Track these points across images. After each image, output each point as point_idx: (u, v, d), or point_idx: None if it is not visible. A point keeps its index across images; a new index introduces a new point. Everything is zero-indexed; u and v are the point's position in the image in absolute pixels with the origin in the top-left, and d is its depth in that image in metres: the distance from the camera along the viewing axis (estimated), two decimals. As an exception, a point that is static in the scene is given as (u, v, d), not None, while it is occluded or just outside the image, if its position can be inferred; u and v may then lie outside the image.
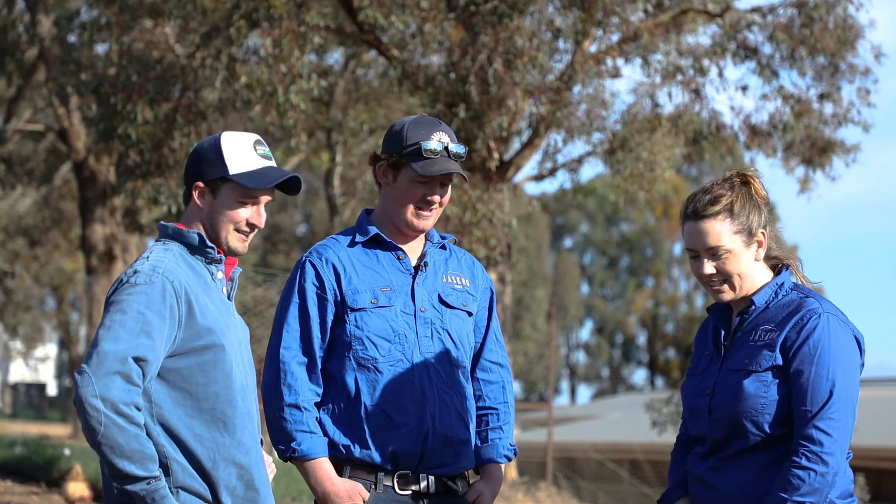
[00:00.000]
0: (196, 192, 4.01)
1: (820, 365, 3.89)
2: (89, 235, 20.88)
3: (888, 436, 28.00)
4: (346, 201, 29.84)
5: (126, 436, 3.68)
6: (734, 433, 4.00)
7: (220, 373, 3.90)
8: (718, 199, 4.06)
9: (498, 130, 16.31)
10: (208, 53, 16.67)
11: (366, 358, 4.44)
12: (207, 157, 3.99)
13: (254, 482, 3.96)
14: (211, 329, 3.89)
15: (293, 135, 16.02)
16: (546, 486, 20.01)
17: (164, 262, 3.90)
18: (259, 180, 3.97)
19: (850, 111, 18.84)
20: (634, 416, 31.98)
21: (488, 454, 4.64)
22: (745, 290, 4.09)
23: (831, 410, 3.86)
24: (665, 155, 18.03)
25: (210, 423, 3.88)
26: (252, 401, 4.03)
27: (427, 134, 4.46)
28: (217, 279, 4.04)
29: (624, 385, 72.88)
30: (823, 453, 3.83)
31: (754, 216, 4.07)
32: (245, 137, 4.05)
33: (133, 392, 3.71)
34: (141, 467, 3.70)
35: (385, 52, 17.74)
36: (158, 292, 3.81)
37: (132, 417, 3.70)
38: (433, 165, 4.43)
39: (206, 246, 4.00)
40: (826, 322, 3.94)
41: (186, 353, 3.86)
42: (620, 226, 71.50)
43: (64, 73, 17.84)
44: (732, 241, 4.05)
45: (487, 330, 4.72)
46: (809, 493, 3.82)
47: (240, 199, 3.99)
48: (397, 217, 4.52)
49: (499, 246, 17.05)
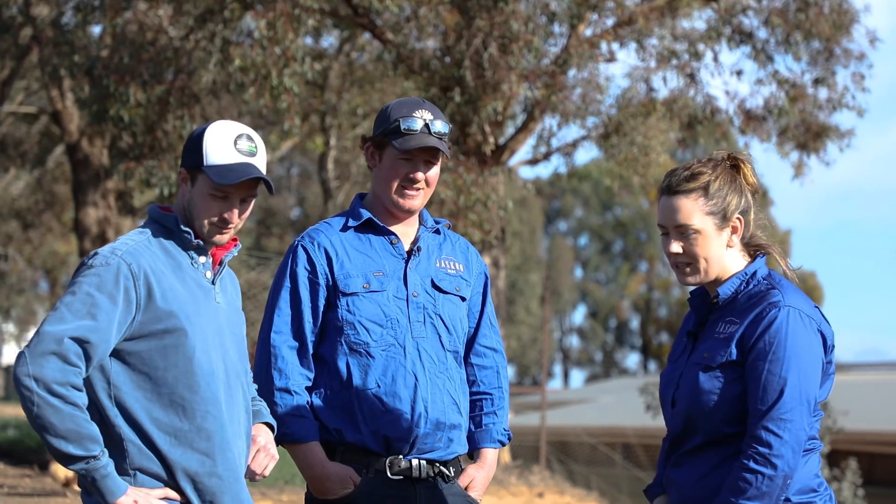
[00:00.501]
0: (180, 177, 3.99)
1: (773, 362, 3.70)
2: (82, 218, 20.78)
3: (880, 420, 28.12)
4: (340, 185, 29.79)
5: (60, 416, 3.66)
6: (690, 428, 3.86)
7: (180, 357, 3.85)
8: (696, 177, 3.87)
9: (493, 114, 16.30)
10: (202, 36, 16.62)
11: (358, 343, 4.43)
12: (191, 144, 3.96)
13: (216, 469, 3.90)
14: (172, 313, 3.84)
15: (287, 118, 16.00)
16: (539, 470, 20.06)
17: (126, 244, 3.88)
18: (226, 176, 3.89)
19: (845, 96, 18.83)
20: (627, 399, 32.05)
21: (482, 439, 4.64)
22: (712, 276, 3.89)
23: (782, 410, 3.67)
24: (659, 139, 18.01)
25: (168, 408, 3.84)
26: (231, 387, 3.97)
27: (409, 112, 4.45)
28: (198, 263, 3.99)
29: (617, 369, 73.06)
30: (772, 455, 3.66)
31: (732, 199, 3.87)
32: (230, 129, 3.99)
33: (69, 372, 3.68)
34: (78, 447, 3.68)
35: (380, 35, 17.70)
36: (112, 274, 3.79)
37: (67, 397, 3.67)
38: (410, 141, 4.42)
39: (181, 230, 3.96)
40: (785, 316, 3.73)
41: (146, 337, 3.83)
42: (615, 210, 71.59)
43: (57, 55, 17.76)
44: (703, 222, 3.85)
45: (481, 315, 4.70)
46: (757, 497, 3.66)
47: (210, 192, 3.93)
48: (384, 197, 4.52)
49: (493, 230, 17.04)
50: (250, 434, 4.08)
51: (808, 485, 3.79)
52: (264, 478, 4.13)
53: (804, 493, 3.78)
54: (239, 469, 3.98)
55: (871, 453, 27.25)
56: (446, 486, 4.50)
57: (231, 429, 3.95)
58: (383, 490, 4.41)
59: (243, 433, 4.02)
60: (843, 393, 27.27)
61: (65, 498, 13.09)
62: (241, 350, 4.07)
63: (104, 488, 3.72)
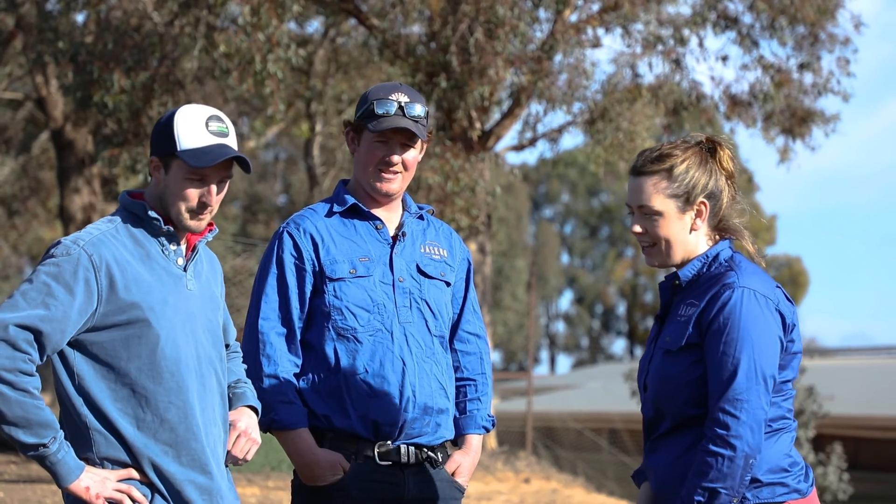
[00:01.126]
0: (151, 166, 3.94)
1: (727, 343, 3.70)
2: (67, 205, 20.76)
3: (866, 404, 28.22)
4: (326, 171, 29.77)
5: (7, 403, 3.64)
6: (659, 413, 3.88)
7: (143, 348, 3.82)
8: (662, 159, 3.87)
9: (479, 100, 16.29)
10: (187, 22, 16.55)
11: (345, 328, 4.43)
12: (161, 132, 3.91)
13: (180, 458, 3.87)
14: (135, 303, 3.81)
15: (271, 104, 15.95)
16: (525, 456, 20.06)
17: (90, 234, 3.84)
18: (202, 158, 3.85)
19: (830, 81, 18.86)
20: (613, 385, 32.10)
21: (467, 425, 4.66)
22: (676, 259, 3.89)
23: (737, 391, 3.66)
24: (645, 125, 18.02)
25: (131, 398, 3.83)
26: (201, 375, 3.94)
27: (385, 95, 4.47)
28: (168, 250, 3.95)
29: (603, 355, 73.14)
30: (730, 437, 3.64)
31: (699, 183, 3.87)
32: (200, 112, 3.94)
33: (18, 358, 3.65)
34: (29, 433, 3.67)
35: (365, 21, 17.67)
36: (72, 265, 3.75)
37: (15, 384, 3.65)
38: (383, 123, 4.43)
39: (150, 218, 3.91)
40: (739, 296, 3.72)
41: (108, 328, 3.80)
42: (601, 196, 71.60)
43: (41, 41, 17.69)
44: (664, 204, 3.86)
45: (465, 301, 4.71)
46: (718, 479, 3.64)
47: (186, 177, 3.88)
48: (363, 181, 4.54)
49: (480, 215, 17.04)
50: (227, 420, 4.05)
51: (779, 464, 3.78)
52: (246, 462, 4.10)
53: (774, 472, 3.77)
54: (208, 460, 3.94)
55: (857, 437, 27.37)
56: (434, 472, 4.52)
57: (203, 418, 3.92)
58: (372, 476, 4.42)
59: (219, 420, 4.00)
60: (828, 378, 27.37)
61: (51, 484, 13.07)
62: (215, 336, 4.04)
63: (57, 474, 3.72)
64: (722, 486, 3.65)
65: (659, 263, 3.92)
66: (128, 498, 3.80)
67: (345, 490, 4.40)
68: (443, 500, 4.54)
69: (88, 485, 3.75)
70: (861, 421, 27.22)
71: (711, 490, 3.65)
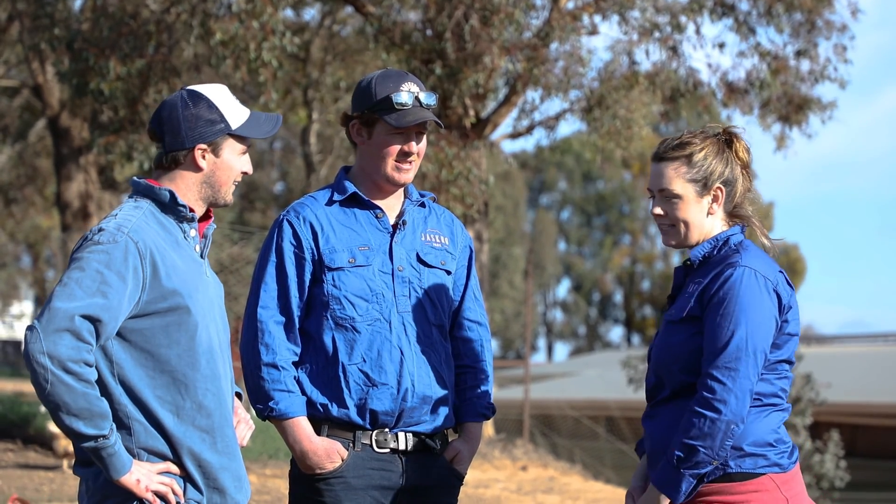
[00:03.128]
0: (198, 154, 3.92)
1: (723, 315, 3.94)
2: (64, 192, 20.76)
3: (862, 392, 28.24)
4: (323, 159, 29.73)
5: (73, 394, 3.63)
6: (660, 380, 4.11)
7: (183, 335, 3.84)
8: (683, 146, 4.14)
9: (474, 87, 16.25)
10: (183, 9, 16.51)
11: (343, 317, 4.42)
12: (205, 117, 3.92)
13: (216, 446, 3.91)
14: (176, 291, 3.82)
15: (265, 92, 15.91)
16: (523, 444, 20.08)
17: (130, 221, 3.83)
18: (260, 129, 4.01)
19: (827, 68, 18.85)
20: (611, 373, 32.14)
21: (466, 413, 4.64)
22: (693, 240, 4.14)
23: (727, 359, 3.89)
24: (642, 112, 18.01)
25: (171, 386, 3.83)
26: (223, 361, 3.99)
27: (396, 86, 4.43)
28: (190, 237, 3.97)
29: (600, 342, 73.21)
30: (715, 400, 3.87)
31: (716, 170, 4.13)
32: (223, 90, 4.01)
33: (82, 349, 3.65)
34: (89, 424, 3.67)
35: (361, 7, 17.63)
36: (121, 252, 3.74)
37: (80, 375, 3.65)
38: (406, 116, 4.41)
39: (177, 204, 3.92)
40: (740, 274, 3.97)
41: (150, 315, 3.80)
42: (597, 184, 71.57)
43: (38, 29, 17.66)
44: (684, 188, 4.12)
45: (466, 288, 4.70)
46: (698, 438, 3.87)
47: (240, 153, 3.99)
48: (377, 173, 4.50)
49: (476, 204, 17.01)
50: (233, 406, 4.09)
51: (765, 438, 3.98)
52: (242, 447, 4.12)
53: (759, 445, 3.97)
54: (237, 443, 3.99)
55: (854, 425, 27.38)
56: (432, 460, 4.52)
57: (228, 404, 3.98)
58: (370, 464, 4.43)
59: (230, 406, 4.03)
60: (826, 365, 27.40)
61: (48, 472, 13.07)
62: (225, 322, 4.08)
63: (111, 465, 3.72)
64: (701, 444, 3.87)
65: (676, 243, 4.18)
66: (171, 491, 3.83)
67: (343, 478, 4.40)
68: (441, 488, 4.55)
69: (139, 477, 3.76)
70: (858, 408, 27.23)
71: (691, 447, 3.88)
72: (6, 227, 34.11)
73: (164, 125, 3.93)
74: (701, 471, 3.89)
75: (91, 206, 20.66)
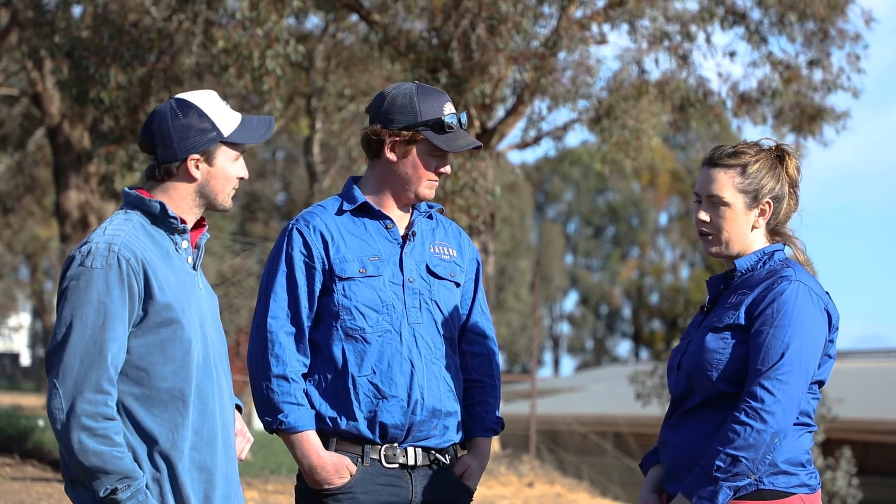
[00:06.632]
0: (191, 164, 3.87)
1: (778, 327, 3.91)
2: (63, 202, 20.69)
3: (876, 408, 28.01)
4: (326, 169, 29.65)
5: (85, 454, 3.60)
6: (692, 387, 4.05)
7: (177, 350, 3.77)
8: (738, 155, 4.11)
9: (481, 97, 16.14)
10: (185, 17, 16.37)
11: (353, 328, 4.41)
12: (196, 127, 3.86)
13: (206, 463, 3.82)
14: (169, 305, 3.76)
15: (269, 100, 15.77)
16: (529, 459, 19.96)
17: (120, 236, 3.76)
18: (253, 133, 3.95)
19: (840, 77, 18.70)
20: (618, 388, 31.93)
21: (474, 428, 4.62)
22: (733, 250, 4.12)
23: (780, 371, 3.87)
24: (651, 122, 17.92)
25: (168, 402, 3.76)
26: (218, 374, 3.89)
27: (439, 105, 4.46)
28: (181, 249, 3.88)
29: (608, 357, 73.05)
30: (763, 410, 3.83)
31: (767, 183, 4.11)
32: (212, 96, 3.95)
33: (99, 402, 3.62)
34: (100, 483, 3.62)
35: (366, 16, 17.58)
36: (116, 274, 3.68)
37: (95, 430, 3.59)
38: (458, 140, 4.45)
39: (168, 216, 3.85)
40: (795, 289, 3.96)
41: (144, 331, 3.74)
42: (606, 195, 71.53)
43: (37, 36, 17.55)
44: (734, 197, 4.09)
45: (473, 301, 4.71)
46: (743, 448, 3.82)
47: (234, 159, 3.94)
48: (407, 189, 4.50)
49: (482, 215, 16.97)
50: (234, 421, 4.02)
51: (798, 458, 3.96)
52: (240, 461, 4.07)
53: (792, 464, 3.94)
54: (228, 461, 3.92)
55: (866, 442, 27.13)
56: (441, 474, 4.51)
57: (222, 418, 3.91)
58: (379, 479, 4.42)
59: (229, 421, 3.97)
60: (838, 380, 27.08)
61: (45, 486, 12.92)
62: (220, 334, 4.02)
63: None
64: (745, 455, 3.82)
65: (715, 252, 4.16)
66: None
67: (351, 494, 4.39)
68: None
69: None
70: (871, 425, 27.01)
71: (734, 457, 3.82)
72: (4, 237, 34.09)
73: (154, 137, 3.88)
74: (739, 482, 3.84)
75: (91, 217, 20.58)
